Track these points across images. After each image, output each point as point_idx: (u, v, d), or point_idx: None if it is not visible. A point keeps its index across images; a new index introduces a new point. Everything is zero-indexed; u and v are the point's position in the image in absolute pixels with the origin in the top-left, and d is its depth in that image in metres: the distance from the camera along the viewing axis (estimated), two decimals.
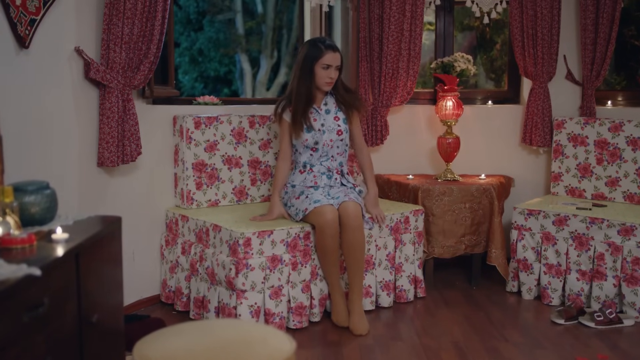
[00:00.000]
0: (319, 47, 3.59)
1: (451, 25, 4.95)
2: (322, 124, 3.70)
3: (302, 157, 3.72)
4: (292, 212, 3.64)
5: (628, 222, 3.73)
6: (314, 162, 3.72)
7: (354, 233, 3.49)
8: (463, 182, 4.34)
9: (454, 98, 4.45)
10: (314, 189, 3.64)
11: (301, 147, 3.71)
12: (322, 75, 3.61)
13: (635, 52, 5.57)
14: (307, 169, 3.71)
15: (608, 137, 4.32)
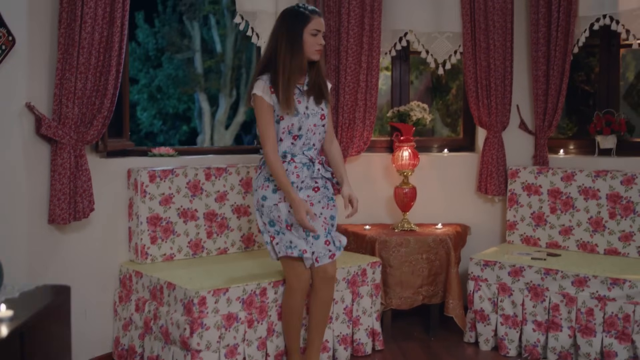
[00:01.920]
0: (303, 12, 3.25)
1: (407, 74, 5.01)
2: (307, 106, 3.33)
3: (283, 145, 3.32)
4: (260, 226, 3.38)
5: (581, 274, 3.78)
6: (296, 151, 3.35)
7: (328, 292, 3.43)
8: (420, 233, 4.35)
9: (410, 148, 4.48)
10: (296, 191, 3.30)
11: (282, 134, 3.29)
12: (311, 43, 3.24)
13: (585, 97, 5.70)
14: (287, 159, 3.33)
15: (561, 186, 4.39)
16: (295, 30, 3.22)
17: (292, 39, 3.22)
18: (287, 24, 3.24)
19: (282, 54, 3.21)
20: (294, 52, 3.22)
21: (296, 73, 3.24)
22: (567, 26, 4.35)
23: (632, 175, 4.17)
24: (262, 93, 3.23)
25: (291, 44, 3.21)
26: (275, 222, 3.34)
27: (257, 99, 3.24)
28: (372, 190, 4.79)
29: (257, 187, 3.38)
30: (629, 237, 4.17)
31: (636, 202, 4.15)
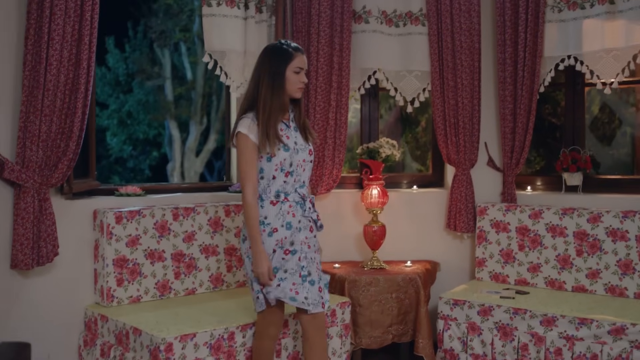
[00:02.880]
0: (286, 50, 3.15)
1: (376, 111, 5.04)
2: (295, 141, 3.21)
3: (275, 184, 3.15)
4: (249, 273, 3.19)
5: (550, 313, 3.79)
6: (289, 189, 3.18)
7: (323, 338, 3.27)
8: (389, 272, 4.35)
9: (379, 186, 4.49)
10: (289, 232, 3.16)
11: (274, 171, 3.14)
12: (294, 81, 3.14)
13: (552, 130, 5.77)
14: (280, 198, 3.16)
15: (529, 224, 4.42)
16: (278, 68, 3.12)
17: (274, 76, 3.12)
18: (270, 60, 3.14)
19: (263, 93, 3.10)
20: (275, 90, 3.11)
21: (277, 111, 3.13)
22: (533, 66, 4.41)
23: (598, 213, 4.21)
24: (247, 131, 3.09)
25: (273, 81, 3.11)
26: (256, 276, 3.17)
27: (242, 137, 3.10)
28: (342, 227, 4.78)
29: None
30: (596, 274, 4.21)
31: (602, 240, 4.19)
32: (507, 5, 4.49)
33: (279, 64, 3.12)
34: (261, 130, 3.08)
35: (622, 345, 3.59)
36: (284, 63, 3.13)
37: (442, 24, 4.58)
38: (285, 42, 3.22)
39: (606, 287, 4.19)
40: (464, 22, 4.56)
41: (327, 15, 4.43)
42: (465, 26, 4.56)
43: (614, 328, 3.61)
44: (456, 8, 4.55)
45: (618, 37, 4.17)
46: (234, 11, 4.25)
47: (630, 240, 4.12)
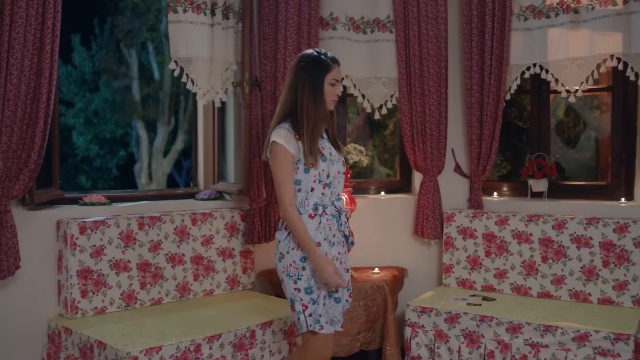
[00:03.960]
0: (324, 60, 3.05)
1: (344, 117, 5.03)
2: (330, 152, 3.11)
3: (313, 196, 3.06)
4: (290, 293, 3.06)
5: (515, 321, 3.83)
6: (326, 202, 3.10)
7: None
8: (357, 279, 4.34)
9: (347, 194, 4.48)
10: (327, 245, 3.09)
11: (312, 183, 3.04)
12: (329, 93, 3.05)
13: (519, 132, 5.82)
14: (319, 212, 3.07)
15: (495, 230, 4.46)
16: (317, 79, 3.02)
17: (314, 87, 3.02)
18: (309, 72, 3.03)
19: (305, 104, 3.00)
20: (317, 102, 3.02)
21: (320, 122, 3.04)
22: (499, 74, 4.44)
23: (562, 220, 4.26)
24: (284, 142, 2.98)
25: (314, 92, 3.02)
26: (314, 290, 3.05)
27: (279, 148, 2.98)
28: None
29: (290, 248, 3.05)
30: (561, 280, 4.26)
31: (567, 246, 4.24)
32: (474, 13, 4.51)
33: (317, 75, 3.03)
34: (306, 141, 2.99)
35: (586, 352, 3.64)
36: (322, 74, 3.04)
37: (410, 31, 4.59)
38: (323, 52, 3.11)
39: (570, 292, 4.24)
40: (431, 29, 4.57)
41: (295, 22, 4.41)
42: (433, 33, 4.58)
43: (578, 335, 3.65)
44: (423, 15, 4.56)
45: (582, 46, 4.22)
46: (201, 18, 4.20)
47: (594, 247, 4.17)
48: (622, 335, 3.56)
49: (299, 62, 3.10)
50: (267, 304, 4.13)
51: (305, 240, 2.98)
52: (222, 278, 4.38)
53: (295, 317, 3.07)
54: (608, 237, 4.13)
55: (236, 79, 4.42)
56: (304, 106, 3.01)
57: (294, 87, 3.05)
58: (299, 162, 3.02)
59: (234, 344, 3.59)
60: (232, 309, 3.99)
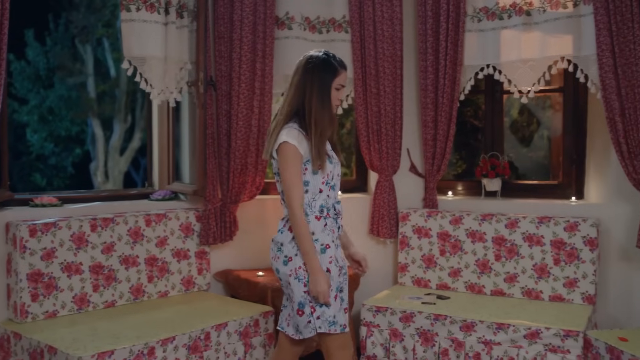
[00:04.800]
0: (333, 64, 3.03)
1: None
2: (330, 155, 3.09)
3: (320, 198, 3.03)
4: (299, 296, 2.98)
5: (469, 319, 3.87)
6: (330, 204, 3.08)
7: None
8: None
9: None
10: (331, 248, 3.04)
11: (321, 184, 3.01)
12: (334, 97, 3.03)
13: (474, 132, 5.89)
14: (324, 214, 3.04)
15: (449, 229, 4.50)
16: (325, 82, 2.99)
17: (322, 90, 2.99)
18: (319, 75, 2.99)
19: (314, 107, 2.96)
20: (325, 106, 2.98)
21: (329, 126, 3.00)
22: (453, 74, 4.48)
23: (515, 219, 4.33)
24: (297, 142, 2.92)
25: (322, 95, 2.98)
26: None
27: (290, 148, 2.92)
28: (266, 234, 4.72)
29: (298, 251, 2.98)
30: (514, 278, 4.32)
31: (519, 244, 4.31)
32: (429, 14, 4.54)
33: (325, 78, 3.00)
34: (314, 144, 2.93)
35: (537, 348, 3.71)
36: (330, 78, 3.01)
37: (365, 31, 4.60)
38: (331, 54, 3.08)
39: (523, 290, 4.31)
40: (386, 29, 4.59)
41: (250, 21, 4.39)
42: (388, 34, 4.60)
43: (530, 332, 3.72)
44: (379, 16, 4.58)
45: (534, 48, 4.28)
46: (154, 16, 4.15)
47: (546, 245, 4.25)
48: (571, 332, 3.64)
49: (307, 63, 3.04)
50: (223, 306, 4.12)
51: (308, 247, 2.92)
52: (177, 279, 4.34)
53: (304, 321, 2.99)
54: (559, 235, 4.21)
55: (191, 79, 4.38)
56: (312, 109, 2.96)
57: (302, 88, 3.00)
58: (308, 163, 2.98)
59: (189, 346, 3.57)
60: (187, 311, 3.96)
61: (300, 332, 3.03)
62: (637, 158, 3.90)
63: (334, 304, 3.00)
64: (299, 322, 3.01)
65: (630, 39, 3.84)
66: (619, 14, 3.87)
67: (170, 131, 4.75)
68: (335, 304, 3.01)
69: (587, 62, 4.11)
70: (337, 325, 3.01)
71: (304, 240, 2.93)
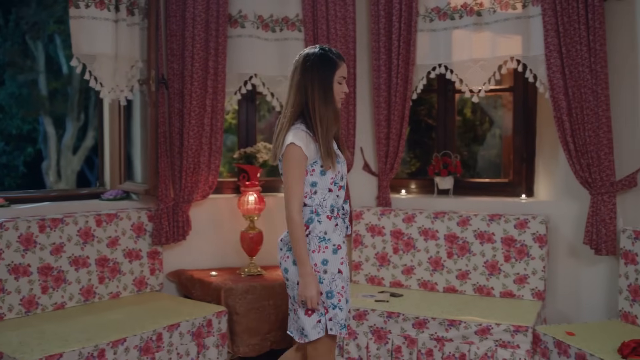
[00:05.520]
0: (331, 58, 2.94)
1: (254, 116, 5.01)
2: (337, 154, 3.02)
3: (330, 197, 2.96)
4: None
5: (421, 316, 3.91)
6: (339, 204, 3.02)
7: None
8: (267, 278, 4.35)
9: (256, 192, 4.47)
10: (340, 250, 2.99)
11: (330, 184, 2.95)
12: (337, 91, 2.95)
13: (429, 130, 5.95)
14: (334, 214, 2.98)
15: (402, 227, 4.54)
16: (326, 78, 2.91)
17: (324, 87, 2.91)
18: (318, 70, 2.91)
19: (317, 105, 2.88)
20: (328, 102, 2.91)
21: (332, 123, 2.93)
22: (406, 73, 4.51)
23: (467, 217, 4.38)
24: (304, 145, 2.84)
25: (324, 93, 2.90)
26: (335, 294, 2.91)
27: (296, 151, 2.84)
28: (219, 233, 4.74)
29: (310, 250, 2.90)
30: (465, 275, 4.38)
31: (471, 242, 4.37)
32: (382, 14, 4.56)
33: (325, 74, 2.92)
34: (322, 143, 2.87)
35: (487, 344, 3.76)
36: (330, 72, 2.93)
37: (318, 30, 4.61)
38: (327, 48, 3.00)
39: (474, 287, 4.37)
40: (339, 28, 4.60)
41: (202, 19, 4.36)
42: (341, 33, 4.61)
43: (480, 328, 3.77)
44: (332, 15, 4.59)
45: (485, 48, 4.34)
46: (104, 13, 4.09)
47: (496, 242, 4.31)
48: (521, 327, 3.70)
49: (304, 61, 2.95)
50: (175, 306, 4.08)
51: (301, 250, 2.85)
52: (129, 280, 4.29)
53: (312, 321, 2.91)
54: (509, 232, 4.28)
55: (142, 77, 4.33)
56: (316, 108, 2.89)
57: (303, 87, 2.92)
58: (315, 164, 2.90)
59: (140, 348, 3.53)
60: (139, 312, 3.92)
61: (306, 335, 2.93)
62: (583, 156, 3.99)
63: (345, 307, 2.96)
64: (306, 323, 2.92)
65: (577, 39, 3.92)
66: (565, 15, 3.94)
67: (121, 130, 4.69)
68: (346, 306, 2.97)
69: (535, 62, 4.18)
70: (344, 328, 2.96)
71: (300, 243, 2.85)
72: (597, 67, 3.88)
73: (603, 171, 3.94)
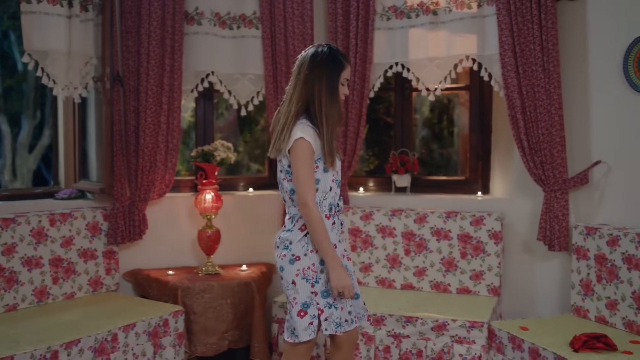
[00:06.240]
0: (339, 59, 2.94)
1: (211, 113, 4.98)
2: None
3: (329, 196, 2.97)
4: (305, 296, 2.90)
5: (379, 313, 3.93)
6: (336, 201, 3.02)
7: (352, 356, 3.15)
8: (224, 277, 4.32)
9: (213, 191, 4.45)
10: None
11: (331, 182, 2.96)
12: (340, 92, 2.98)
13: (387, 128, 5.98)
14: (332, 212, 2.99)
15: (360, 225, 4.56)
16: (333, 78, 2.91)
17: (331, 87, 2.90)
18: (327, 70, 2.90)
19: (323, 103, 2.87)
20: (334, 101, 2.91)
21: (337, 123, 2.95)
22: (363, 71, 4.53)
23: (424, 214, 4.42)
24: (312, 140, 2.84)
25: (331, 92, 2.90)
26: (331, 293, 2.91)
27: (306, 145, 2.83)
28: (177, 232, 4.69)
29: (308, 250, 2.91)
30: (423, 272, 4.42)
31: (428, 239, 4.40)
32: (339, 12, 4.57)
33: (333, 74, 2.92)
34: (327, 140, 2.87)
35: (444, 340, 3.80)
36: (337, 73, 2.93)
37: (276, 28, 4.60)
38: (336, 49, 3.00)
39: (431, 284, 4.41)
40: (297, 26, 4.59)
41: (158, 16, 4.31)
42: (299, 30, 4.60)
43: (437, 325, 3.81)
44: (289, 12, 4.58)
45: (441, 46, 4.38)
46: (57, 9, 4.02)
47: (453, 239, 4.36)
48: (476, 323, 3.75)
49: (313, 58, 2.93)
50: (131, 306, 4.04)
51: (326, 241, 2.85)
52: (84, 280, 4.23)
53: (305, 323, 2.90)
54: (465, 229, 4.33)
55: (97, 74, 4.27)
56: (322, 105, 2.88)
57: (310, 84, 2.90)
58: (319, 161, 2.91)
59: (94, 349, 3.48)
60: (94, 312, 3.86)
61: (297, 335, 2.91)
62: (537, 154, 4.05)
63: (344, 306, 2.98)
64: (298, 324, 2.91)
65: (530, 39, 3.98)
66: (519, 15, 4.00)
67: (76, 128, 4.63)
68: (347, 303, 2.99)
69: (490, 61, 4.24)
70: (341, 326, 2.96)
71: (324, 237, 2.85)
72: (550, 66, 3.94)
73: (556, 168, 4.01)
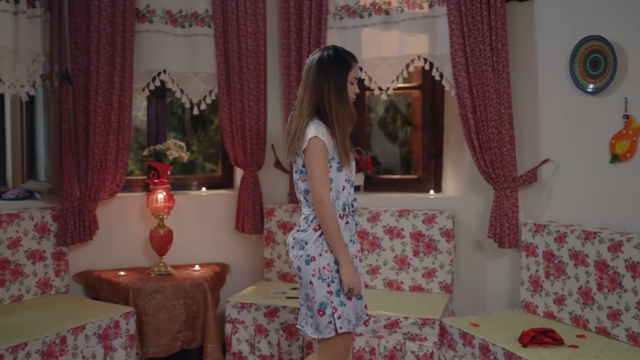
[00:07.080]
0: (345, 59, 2.98)
1: (163, 112, 4.92)
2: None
3: (343, 195, 2.99)
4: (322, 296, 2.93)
5: None
6: (350, 201, 3.05)
7: None
8: (176, 277, 4.28)
9: (165, 190, 4.40)
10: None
11: (344, 182, 2.98)
12: (350, 91, 3.01)
13: None
14: (346, 212, 3.01)
15: None
16: (342, 79, 2.95)
17: (340, 87, 2.94)
18: (334, 71, 2.94)
19: (334, 104, 2.90)
20: (344, 102, 2.94)
21: (349, 123, 2.97)
22: None
23: (377, 213, 4.44)
24: (325, 139, 2.87)
25: (340, 93, 2.93)
26: (341, 292, 2.95)
27: (321, 145, 2.86)
28: (128, 232, 4.63)
29: (323, 250, 2.93)
30: (376, 270, 4.44)
31: (381, 237, 4.43)
32: (292, 11, 4.56)
33: (340, 75, 2.95)
34: (340, 140, 2.89)
35: (396, 337, 3.83)
36: (344, 73, 2.96)
37: (228, 26, 4.57)
38: (340, 48, 3.02)
39: (385, 282, 4.44)
40: (250, 25, 4.58)
41: (108, 13, 4.25)
42: (252, 29, 4.59)
43: (389, 322, 3.83)
44: (242, 11, 4.56)
45: (393, 46, 4.41)
46: (2, 5, 3.91)
47: (405, 237, 4.39)
48: (428, 320, 3.78)
49: (320, 61, 2.97)
50: (81, 308, 3.97)
51: (340, 239, 2.89)
52: (32, 282, 4.14)
53: (325, 322, 2.94)
54: (418, 227, 4.37)
55: (45, 72, 4.18)
56: (332, 106, 2.91)
57: (319, 87, 2.93)
58: (332, 160, 2.93)
59: (42, 352, 3.41)
60: (42, 315, 3.79)
61: (320, 332, 2.97)
62: (487, 153, 4.11)
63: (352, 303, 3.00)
64: (320, 322, 2.96)
65: (480, 39, 4.03)
66: (470, 15, 4.05)
67: (24, 127, 4.53)
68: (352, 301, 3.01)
69: (441, 60, 4.28)
70: (350, 324, 2.99)
71: (338, 235, 2.89)
72: (500, 66, 4.00)
73: (505, 167, 4.07)
